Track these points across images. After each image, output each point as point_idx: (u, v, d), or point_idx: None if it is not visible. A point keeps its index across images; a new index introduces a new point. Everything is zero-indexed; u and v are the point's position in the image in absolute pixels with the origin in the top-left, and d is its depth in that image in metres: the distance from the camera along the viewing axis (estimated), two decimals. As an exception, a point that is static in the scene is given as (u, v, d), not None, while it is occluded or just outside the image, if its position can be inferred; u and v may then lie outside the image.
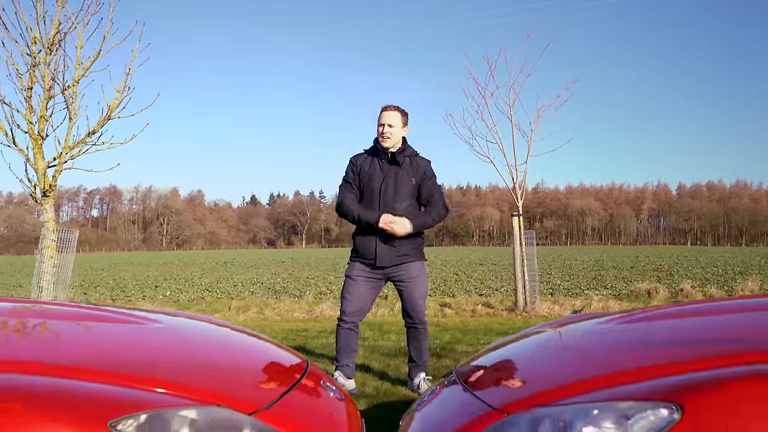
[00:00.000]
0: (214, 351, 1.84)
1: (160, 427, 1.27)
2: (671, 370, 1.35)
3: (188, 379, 1.50)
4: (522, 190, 9.22)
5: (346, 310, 3.64)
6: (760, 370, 1.25)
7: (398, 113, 3.67)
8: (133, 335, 1.82)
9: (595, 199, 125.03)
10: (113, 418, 1.24)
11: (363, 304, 3.67)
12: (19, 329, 1.77)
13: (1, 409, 1.19)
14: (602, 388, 1.38)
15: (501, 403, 1.53)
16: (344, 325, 3.66)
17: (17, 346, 1.59)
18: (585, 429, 1.28)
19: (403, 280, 3.65)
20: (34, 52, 5.86)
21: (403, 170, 3.66)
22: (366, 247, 3.64)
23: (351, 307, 3.64)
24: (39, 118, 5.82)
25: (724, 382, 1.22)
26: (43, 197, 5.86)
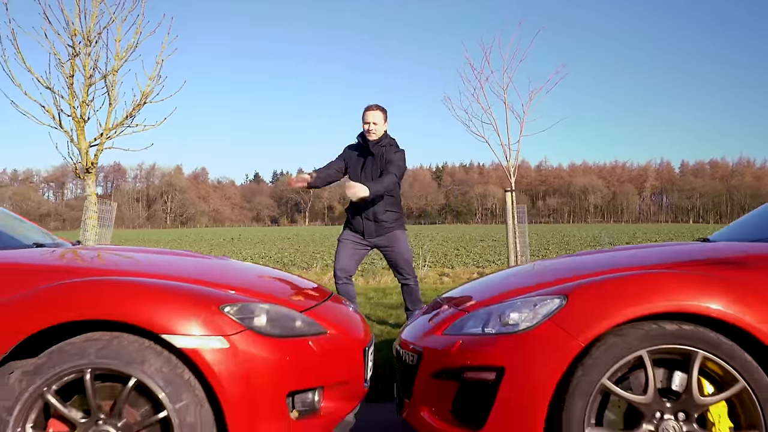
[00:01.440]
0: (268, 275, 2.61)
1: (249, 312, 2.05)
2: (566, 281, 2.13)
3: (258, 289, 2.29)
4: (515, 168, 9.93)
5: (337, 266, 4.41)
6: (607, 277, 2.04)
7: (380, 112, 4.42)
8: (213, 263, 2.60)
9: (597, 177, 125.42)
10: (221, 304, 2.02)
11: (350, 263, 4.44)
12: (143, 259, 2.54)
13: (155, 296, 1.97)
14: (525, 293, 2.16)
15: (464, 306, 2.32)
16: (340, 282, 4.43)
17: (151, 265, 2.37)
18: (512, 314, 2.06)
19: (387, 246, 4.43)
20: (75, 43, 6.57)
21: (375, 159, 4.40)
22: (356, 222, 4.42)
23: (339, 264, 4.41)
24: (81, 103, 6.56)
25: (589, 284, 2.01)
26: (85, 173, 6.63)
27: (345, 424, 2.37)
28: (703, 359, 1.92)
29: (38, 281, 2.00)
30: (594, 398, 1.94)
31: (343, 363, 2.28)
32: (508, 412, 1.97)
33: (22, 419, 1.90)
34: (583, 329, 1.93)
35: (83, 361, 1.91)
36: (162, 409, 1.92)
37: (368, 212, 4.36)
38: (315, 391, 2.17)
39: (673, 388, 1.97)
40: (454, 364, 2.14)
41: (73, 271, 2.08)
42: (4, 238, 2.78)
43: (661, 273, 2.05)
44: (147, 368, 1.90)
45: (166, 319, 1.92)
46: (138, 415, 1.97)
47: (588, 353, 1.93)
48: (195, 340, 1.93)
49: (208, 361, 1.92)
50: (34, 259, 2.29)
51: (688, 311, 1.92)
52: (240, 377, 1.95)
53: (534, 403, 1.94)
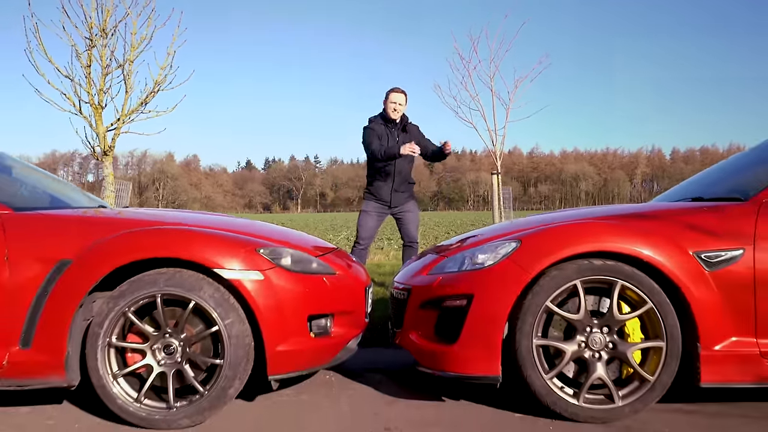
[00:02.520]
0: (289, 232, 3.22)
1: (278, 255, 2.67)
2: (521, 230, 2.77)
3: (284, 239, 2.91)
4: (501, 153, 10.56)
5: (362, 235, 5.04)
6: (550, 226, 2.68)
7: (404, 95, 5.02)
8: (246, 221, 3.21)
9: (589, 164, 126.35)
10: (257, 248, 2.63)
11: (372, 232, 5.07)
12: (192, 215, 3.15)
13: (208, 241, 2.58)
14: (490, 240, 2.79)
15: (444, 252, 2.95)
16: (360, 247, 5.06)
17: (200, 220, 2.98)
18: (480, 255, 2.70)
19: (403, 212, 5.06)
20: (92, 35, 7.12)
21: (408, 136, 5.02)
22: (382, 193, 5.03)
23: (365, 233, 5.04)
24: (98, 90, 7.11)
25: (537, 231, 2.65)
26: (103, 156, 7.19)
27: (349, 349, 3.01)
28: (622, 287, 2.55)
29: (119, 229, 2.61)
30: (540, 317, 2.57)
31: (348, 297, 2.91)
32: (475, 328, 2.60)
33: (110, 332, 2.52)
34: (532, 264, 2.56)
35: (155, 288, 2.52)
36: (213, 325, 2.54)
37: (396, 184, 5.02)
38: (328, 317, 2.80)
39: (599, 309, 2.61)
40: (435, 296, 2.78)
41: (141, 223, 2.69)
42: (81, 201, 3.40)
43: (592, 222, 2.68)
44: (203, 294, 2.52)
45: (217, 257, 2.54)
46: (194, 330, 2.59)
47: (536, 282, 2.56)
48: (238, 273, 2.54)
49: (248, 290, 2.54)
50: (107, 214, 2.90)
51: (611, 251, 2.55)
52: (273, 302, 2.57)
53: (495, 321, 2.57)
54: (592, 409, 2.55)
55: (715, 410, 2.69)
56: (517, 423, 2.57)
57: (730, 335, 2.52)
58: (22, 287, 2.50)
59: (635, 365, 2.55)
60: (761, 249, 2.53)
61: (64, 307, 2.49)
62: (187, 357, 2.57)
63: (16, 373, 2.52)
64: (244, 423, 2.61)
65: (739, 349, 2.51)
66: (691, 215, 2.68)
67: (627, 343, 2.58)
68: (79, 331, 2.56)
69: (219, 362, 2.54)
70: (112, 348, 2.55)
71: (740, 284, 2.52)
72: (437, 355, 2.72)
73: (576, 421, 2.55)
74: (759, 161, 3.10)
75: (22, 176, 3.34)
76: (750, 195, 2.70)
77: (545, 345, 2.59)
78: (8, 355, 2.50)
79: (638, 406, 2.55)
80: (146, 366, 2.57)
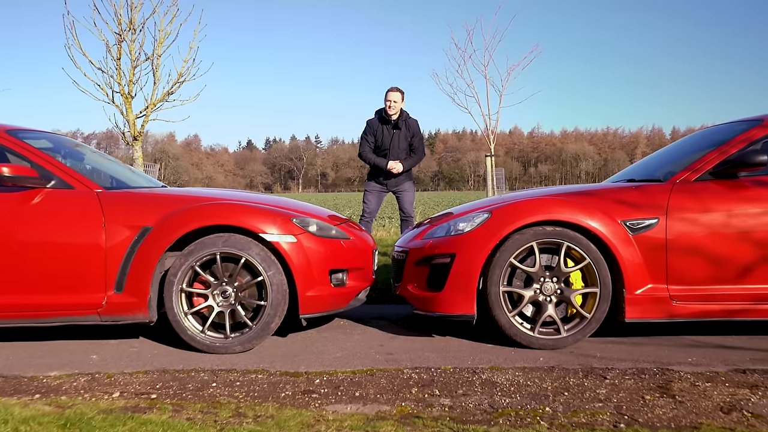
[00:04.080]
0: (308, 205, 4.04)
1: (307, 223, 3.49)
2: (493, 204, 3.59)
3: (310, 212, 3.73)
4: (494, 136, 11.34)
5: (366, 210, 5.87)
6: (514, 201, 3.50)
7: (400, 93, 5.76)
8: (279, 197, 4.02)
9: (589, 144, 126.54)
10: (291, 217, 3.46)
11: (375, 207, 5.89)
12: (238, 193, 3.97)
13: (255, 212, 3.40)
14: (469, 212, 3.62)
15: (434, 222, 3.78)
16: (365, 220, 5.89)
17: (245, 196, 3.80)
18: (460, 223, 3.52)
19: (401, 191, 5.87)
20: (121, 30, 7.88)
21: (402, 133, 5.80)
22: (380, 175, 5.82)
23: (368, 209, 5.87)
24: (128, 81, 7.89)
25: (504, 205, 3.48)
26: (133, 140, 7.99)
27: (359, 299, 3.84)
28: (567, 247, 3.37)
29: (180, 204, 3.43)
30: (506, 270, 3.40)
31: (359, 257, 3.74)
32: (456, 279, 3.43)
33: (182, 281, 3.35)
34: (500, 230, 3.38)
35: (215, 248, 3.35)
36: (259, 276, 3.37)
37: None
38: (344, 272, 3.63)
39: (551, 264, 3.44)
40: (427, 255, 3.60)
41: (199, 199, 3.50)
42: (151, 181, 4.25)
43: (546, 198, 3.50)
44: (251, 252, 3.35)
45: (261, 224, 3.37)
46: (244, 280, 3.42)
47: (502, 244, 3.39)
48: (277, 237, 3.37)
49: (285, 249, 3.37)
50: (174, 192, 3.72)
51: (559, 219, 3.36)
52: (303, 259, 3.40)
53: (471, 273, 3.40)
54: (544, 339, 3.40)
55: (636, 341, 3.53)
56: (488, 349, 3.41)
57: (648, 283, 3.35)
58: (116, 247, 3.33)
59: (577, 306, 3.39)
60: (672, 218, 3.35)
61: (147, 262, 3.33)
62: (239, 300, 3.41)
63: (112, 311, 3.36)
64: (281, 349, 3.46)
65: (654, 293, 3.35)
66: (621, 193, 3.50)
67: (571, 290, 3.41)
68: (158, 280, 3.40)
69: (263, 303, 3.38)
70: (183, 293, 3.39)
71: (655, 245, 3.35)
72: (428, 300, 3.56)
73: (532, 348, 3.39)
74: (678, 152, 3.92)
75: (104, 163, 4.16)
76: (667, 178, 3.53)
77: (509, 291, 3.42)
78: (107, 298, 3.34)
79: (579, 336, 3.39)
80: (208, 307, 3.41)
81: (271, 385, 2.85)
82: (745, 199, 3.36)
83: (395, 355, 3.33)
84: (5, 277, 3.32)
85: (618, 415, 2.39)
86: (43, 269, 3.33)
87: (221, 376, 2.98)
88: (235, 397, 2.66)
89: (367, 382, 2.85)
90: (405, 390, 2.73)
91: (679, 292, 3.34)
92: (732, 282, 3.33)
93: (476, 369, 3.03)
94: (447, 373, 2.98)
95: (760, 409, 2.42)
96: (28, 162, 3.47)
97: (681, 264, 3.34)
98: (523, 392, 2.68)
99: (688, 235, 3.34)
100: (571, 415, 2.40)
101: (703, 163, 3.50)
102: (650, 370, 2.95)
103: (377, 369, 3.06)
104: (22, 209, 3.36)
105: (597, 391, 2.67)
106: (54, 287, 3.34)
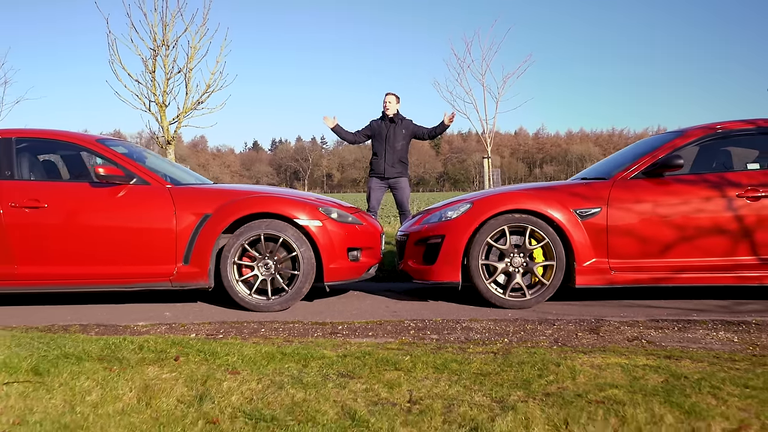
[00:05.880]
0: (326, 197, 5.04)
1: (330, 211, 4.50)
2: (476, 197, 4.60)
3: (331, 203, 4.74)
4: (491, 139, 12.33)
5: (371, 204, 6.87)
6: (491, 194, 4.51)
7: (395, 96, 6.76)
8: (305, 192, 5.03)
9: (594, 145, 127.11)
10: (318, 207, 4.47)
11: (378, 201, 6.89)
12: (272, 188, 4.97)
13: (291, 202, 4.42)
14: (456, 204, 4.62)
15: (429, 211, 4.80)
16: (370, 212, 6.89)
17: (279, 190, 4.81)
18: (449, 212, 4.54)
19: (397, 187, 6.86)
20: (156, 46, 8.91)
21: (397, 126, 6.80)
22: (378, 168, 6.81)
23: (372, 203, 6.87)
24: (162, 92, 8.93)
25: (483, 197, 4.49)
26: (167, 144, 9.02)
27: (369, 273, 4.85)
28: (531, 230, 4.36)
29: (232, 197, 4.44)
30: (484, 247, 4.39)
31: (370, 239, 4.75)
32: (446, 255, 4.43)
33: (234, 255, 4.36)
34: (479, 217, 4.37)
35: (259, 231, 4.36)
36: (293, 251, 4.37)
37: (389, 161, 6.77)
38: (358, 250, 4.64)
39: (519, 243, 4.43)
40: (423, 237, 4.61)
41: (245, 193, 4.51)
42: (200, 178, 5.28)
43: (516, 192, 4.49)
44: (287, 233, 4.36)
45: (295, 212, 4.38)
46: (281, 255, 4.43)
47: (481, 227, 4.38)
48: (307, 222, 4.38)
49: (313, 231, 4.38)
50: (224, 187, 4.73)
51: (526, 208, 4.36)
52: (327, 239, 4.41)
53: (457, 250, 4.40)
54: (513, 300, 4.39)
55: (586, 303, 4.52)
56: (470, 309, 4.41)
57: (593, 257, 4.34)
58: (184, 229, 4.35)
59: (538, 275, 4.39)
60: (611, 208, 4.34)
61: (207, 241, 4.34)
62: (278, 270, 4.42)
63: (181, 279, 4.38)
64: (310, 309, 4.48)
65: (597, 265, 4.34)
66: (574, 188, 4.49)
67: (534, 263, 4.40)
68: (215, 255, 4.41)
69: (297, 273, 4.39)
70: (235, 265, 4.41)
71: (599, 228, 4.34)
72: (424, 272, 4.56)
73: (503, 307, 4.39)
74: (622, 157, 4.92)
75: (163, 164, 5.19)
76: (610, 176, 4.52)
77: (486, 264, 4.42)
78: (177, 269, 4.36)
79: (540, 298, 4.39)
80: (254, 276, 4.42)
81: (305, 329, 3.86)
82: (667, 193, 4.36)
83: (398, 312, 4.33)
84: (100, 252, 4.35)
85: (554, 342, 3.39)
86: (129, 246, 4.36)
87: (267, 325, 3.99)
88: (280, 336, 3.67)
89: (377, 328, 3.86)
90: (405, 332, 3.74)
91: (617, 265, 4.34)
92: (657, 256, 4.32)
93: (459, 320, 4.04)
94: (437, 322, 3.98)
95: (655, 339, 3.41)
96: (115, 164, 4.50)
97: (618, 242, 4.33)
98: (490, 332, 3.69)
99: (624, 221, 4.33)
100: (521, 342, 3.40)
101: (637, 164, 4.49)
102: (588, 320, 3.95)
103: (384, 320, 4.07)
104: (113, 200, 4.39)
105: (545, 332, 3.67)
106: (136, 260, 4.37)
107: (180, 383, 2.67)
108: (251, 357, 2.95)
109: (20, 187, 4.41)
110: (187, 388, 2.62)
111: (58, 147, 4.81)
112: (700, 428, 2.10)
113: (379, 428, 2.22)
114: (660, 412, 2.21)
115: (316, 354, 2.99)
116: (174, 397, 2.56)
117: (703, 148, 4.79)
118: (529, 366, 2.72)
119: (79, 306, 4.71)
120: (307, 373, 2.74)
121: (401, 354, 3.00)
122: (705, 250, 4.32)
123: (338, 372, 2.76)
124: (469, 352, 3.07)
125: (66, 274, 4.37)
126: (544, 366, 2.71)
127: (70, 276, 4.37)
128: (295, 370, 2.78)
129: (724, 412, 2.20)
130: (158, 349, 3.07)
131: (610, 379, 2.56)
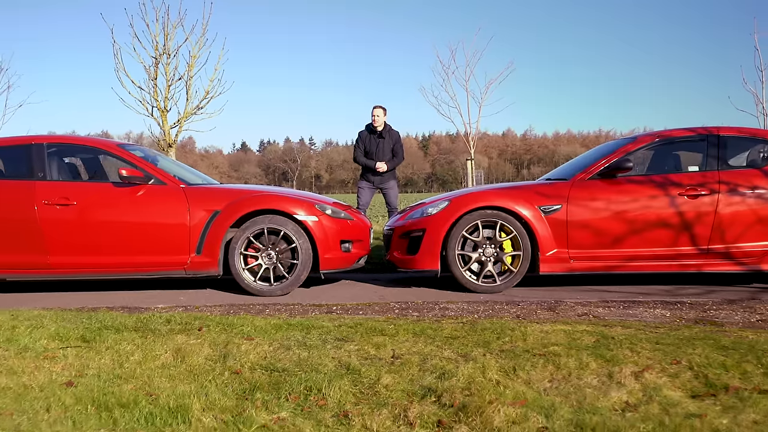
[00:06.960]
0: (321, 196, 5.65)
1: (325, 207, 5.12)
2: (454, 196, 5.23)
3: (322, 199, 5.36)
4: (474, 142, 12.99)
5: (360, 203, 7.48)
6: (467, 193, 5.15)
7: (382, 109, 7.37)
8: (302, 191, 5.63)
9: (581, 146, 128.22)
10: (315, 204, 5.09)
11: (367, 201, 7.51)
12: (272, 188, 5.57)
13: (290, 200, 5.02)
14: (436, 201, 5.26)
15: (412, 208, 5.43)
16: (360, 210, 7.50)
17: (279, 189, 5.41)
18: (429, 208, 5.17)
19: (386, 189, 7.48)
20: (157, 55, 9.48)
21: (385, 141, 7.41)
22: (368, 175, 7.42)
23: (362, 203, 7.49)
24: (164, 98, 9.50)
25: (459, 195, 5.13)
26: (168, 147, 9.60)
27: (359, 264, 5.46)
28: (501, 224, 5.00)
29: (238, 195, 5.04)
30: (459, 239, 5.02)
31: (360, 232, 5.36)
32: (426, 246, 5.05)
33: (241, 247, 4.96)
34: (456, 212, 5.00)
35: (263, 225, 4.97)
36: (293, 243, 4.98)
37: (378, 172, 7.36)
38: (350, 242, 5.25)
39: (490, 236, 5.07)
40: (406, 230, 5.23)
41: (249, 192, 5.10)
42: (206, 178, 5.85)
43: (488, 191, 5.12)
44: (288, 227, 4.97)
45: (295, 209, 4.98)
46: (282, 246, 5.04)
47: (458, 222, 5.01)
48: (305, 217, 4.99)
49: (310, 226, 4.99)
50: (231, 187, 5.32)
51: (496, 205, 4.99)
52: (322, 232, 5.02)
53: (436, 242, 5.02)
54: (485, 286, 5.03)
55: (550, 289, 5.16)
56: (448, 294, 5.04)
57: (555, 248, 4.99)
58: (197, 224, 4.95)
59: (507, 264, 5.02)
60: (570, 204, 4.98)
61: (217, 234, 4.94)
62: (279, 260, 5.02)
63: (194, 268, 4.98)
64: (308, 294, 5.08)
65: (559, 255, 4.98)
66: (539, 188, 5.14)
67: (503, 253, 5.04)
68: (223, 247, 5.01)
69: (296, 262, 5.00)
70: (241, 255, 5.01)
71: (560, 222, 4.98)
72: (408, 261, 5.18)
73: (477, 292, 5.02)
74: (582, 160, 5.58)
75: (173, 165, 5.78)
76: (570, 177, 5.17)
77: (462, 254, 5.05)
78: (190, 258, 4.96)
79: (509, 284, 5.03)
80: (258, 264, 5.03)
81: (304, 309, 4.47)
82: (619, 192, 5.01)
83: (385, 296, 4.96)
84: (123, 244, 4.94)
85: (516, 317, 4.03)
86: (148, 239, 4.95)
87: (271, 307, 4.59)
88: (284, 315, 4.27)
89: (366, 308, 4.48)
90: (390, 311, 4.36)
91: (576, 254, 4.99)
92: (610, 247, 4.98)
93: (438, 302, 4.66)
94: (418, 304, 4.61)
95: (600, 315, 4.06)
96: (134, 166, 5.09)
97: (576, 235, 4.98)
98: (463, 310, 4.32)
99: (582, 216, 4.98)
100: (488, 317, 4.03)
101: (594, 167, 5.14)
102: (548, 301, 4.59)
103: (373, 302, 4.68)
104: (133, 198, 4.98)
105: (510, 310, 4.31)
106: (154, 251, 4.96)
107: (206, 346, 3.27)
108: (262, 327, 3.56)
109: (52, 187, 4.99)
110: (212, 350, 3.23)
111: (83, 151, 5.40)
112: (614, 371, 2.73)
113: (368, 375, 2.83)
114: (587, 360, 2.84)
115: (317, 324, 3.60)
116: (202, 356, 3.16)
117: (655, 153, 5.46)
118: (490, 331, 3.36)
119: (103, 293, 5.30)
120: (309, 338, 3.35)
121: (387, 324, 3.62)
122: (652, 242, 4.97)
123: (335, 337, 3.38)
124: (443, 323, 3.69)
125: (92, 263, 4.96)
126: (502, 331, 3.34)
127: (95, 265, 4.96)
128: (299, 336, 3.39)
129: (636, 360, 2.84)
130: (183, 322, 3.68)
131: (553, 339, 3.20)
